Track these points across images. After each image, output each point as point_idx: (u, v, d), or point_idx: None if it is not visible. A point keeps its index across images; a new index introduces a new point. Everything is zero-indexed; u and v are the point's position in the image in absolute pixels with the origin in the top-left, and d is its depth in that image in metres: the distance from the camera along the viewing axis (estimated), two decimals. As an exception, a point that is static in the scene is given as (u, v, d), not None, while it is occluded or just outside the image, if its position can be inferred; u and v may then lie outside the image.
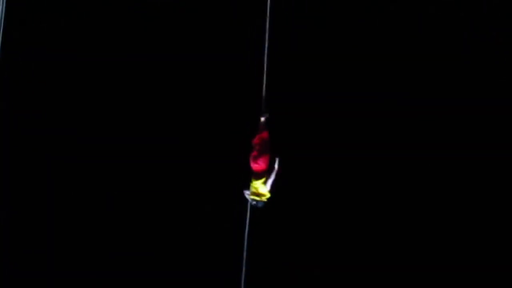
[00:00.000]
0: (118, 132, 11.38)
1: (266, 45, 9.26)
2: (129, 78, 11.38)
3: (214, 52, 11.33)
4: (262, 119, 10.27)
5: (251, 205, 10.08)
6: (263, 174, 10.12)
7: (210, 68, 11.34)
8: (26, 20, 11.32)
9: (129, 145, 11.40)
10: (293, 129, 11.40)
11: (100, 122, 11.43)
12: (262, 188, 10.10)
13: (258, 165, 10.14)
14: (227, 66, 11.24)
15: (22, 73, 11.32)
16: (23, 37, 11.31)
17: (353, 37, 11.34)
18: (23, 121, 11.34)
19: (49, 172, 11.33)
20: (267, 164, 10.09)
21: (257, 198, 10.05)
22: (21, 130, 11.32)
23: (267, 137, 10.12)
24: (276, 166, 10.02)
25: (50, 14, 11.30)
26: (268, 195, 10.03)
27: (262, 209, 9.94)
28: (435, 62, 11.34)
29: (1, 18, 10.07)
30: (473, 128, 11.36)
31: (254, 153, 10.06)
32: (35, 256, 11.30)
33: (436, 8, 11.36)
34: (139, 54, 11.33)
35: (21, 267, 11.25)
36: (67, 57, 11.30)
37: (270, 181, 10.07)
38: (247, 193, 10.18)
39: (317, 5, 11.26)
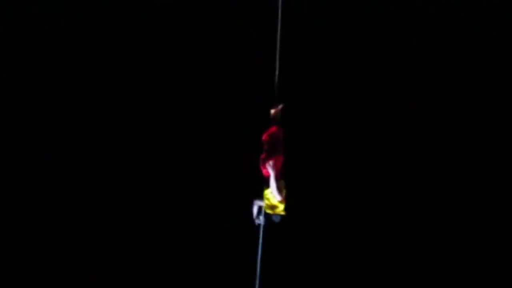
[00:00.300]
0: (124, 134, 11.37)
1: (278, 40, 8.46)
2: (134, 78, 11.35)
3: (225, 51, 11.24)
4: (272, 111, 8.58)
5: (263, 222, 8.57)
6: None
7: (221, 67, 11.25)
8: (26, 20, 11.27)
9: (134, 146, 11.38)
10: (309, 131, 11.08)
11: (105, 122, 11.39)
12: (274, 198, 8.48)
13: (267, 170, 8.48)
14: (238, 65, 11.15)
15: (22, 73, 11.27)
16: (22, 37, 11.27)
17: (366, 38, 11.29)
18: (23, 121, 11.31)
19: (49, 172, 11.30)
20: (279, 168, 8.39)
21: (271, 211, 8.47)
22: (21, 130, 11.30)
23: (278, 134, 8.43)
24: (270, 170, 8.41)
25: (50, 14, 11.27)
26: (281, 206, 8.39)
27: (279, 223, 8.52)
28: (439, 62, 11.33)
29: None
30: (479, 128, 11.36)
31: (263, 154, 8.45)
32: (35, 256, 11.30)
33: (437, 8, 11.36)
34: (144, 54, 11.29)
35: (21, 267, 11.23)
36: (67, 57, 11.26)
37: (273, 190, 8.40)
38: (259, 203, 8.65)
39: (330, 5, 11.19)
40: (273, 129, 8.58)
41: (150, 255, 11.37)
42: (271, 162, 8.40)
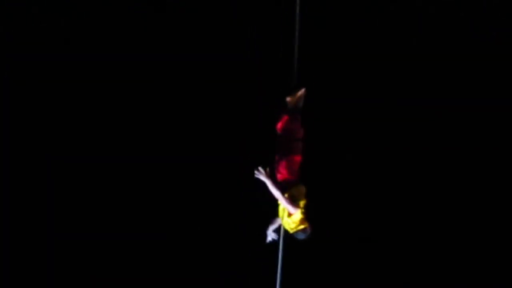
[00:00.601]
0: (124, 134, 11.34)
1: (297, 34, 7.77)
2: (135, 78, 11.33)
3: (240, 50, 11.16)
4: (289, 98, 7.32)
5: (272, 238, 7.56)
6: (290, 188, 7.04)
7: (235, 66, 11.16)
8: (26, 20, 11.24)
9: (134, 146, 11.35)
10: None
11: (105, 122, 11.36)
12: (284, 211, 7.13)
13: (279, 174, 7.15)
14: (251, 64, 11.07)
15: (22, 73, 11.24)
16: (22, 37, 11.24)
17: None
18: (23, 121, 11.28)
19: (49, 172, 11.28)
20: (294, 171, 7.04)
21: (289, 229, 7.13)
22: (21, 130, 11.26)
23: (294, 126, 7.09)
24: (263, 178, 7.04)
25: (50, 14, 11.24)
26: (293, 224, 6.94)
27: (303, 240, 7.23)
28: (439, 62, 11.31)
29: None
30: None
31: (277, 155, 7.09)
32: (35, 256, 11.27)
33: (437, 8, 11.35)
34: (144, 54, 11.27)
35: (21, 267, 11.21)
36: (67, 57, 11.24)
37: (282, 202, 7.05)
38: (279, 221, 7.36)
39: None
40: (286, 119, 7.23)
41: (152, 257, 11.35)
42: (260, 169, 7.03)
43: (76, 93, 11.34)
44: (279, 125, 7.38)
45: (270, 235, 7.76)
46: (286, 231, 7.45)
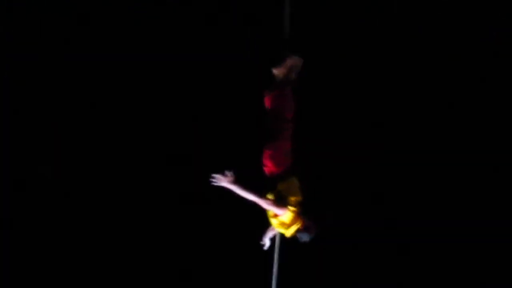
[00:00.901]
0: (125, 135, 11.33)
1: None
2: (135, 78, 11.32)
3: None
4: (276, 70, 6.16)
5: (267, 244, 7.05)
6: (277, 182, 5.95)
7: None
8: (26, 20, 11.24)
9: (135, 147, 11.34)
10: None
11: (105, 122, 11.35)
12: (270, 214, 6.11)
13: (265, 167, 6.05)
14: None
15: (22, 73, 11.24)
16: (22, 37, 11.24)
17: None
18: (23, 121, 11.27)
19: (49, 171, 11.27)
20: (281, 162, 5.85)
21: (284, 232, 6.14)
22: (21, 130, 11.25)
23: (279, 103, 5.82)
24: (225, 185, 6.04)
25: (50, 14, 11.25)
26: (283, 226, 5.95)
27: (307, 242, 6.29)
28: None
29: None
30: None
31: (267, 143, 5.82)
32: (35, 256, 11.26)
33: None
34: (144, 54, 11.26)
35: (21, 268, 11.19)
36: (67, 57, 11.24)
37: (263, 205, 6.02)
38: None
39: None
40: (273, 95, 5.99)
41: (149, 258, 11.33)
42: (217, 175, 5.91)
43: (76, 93, 11.32)
44: (266, 103, 6.30)
45: (268, 242, 7.24)
46: (283, 235, 6.62)
